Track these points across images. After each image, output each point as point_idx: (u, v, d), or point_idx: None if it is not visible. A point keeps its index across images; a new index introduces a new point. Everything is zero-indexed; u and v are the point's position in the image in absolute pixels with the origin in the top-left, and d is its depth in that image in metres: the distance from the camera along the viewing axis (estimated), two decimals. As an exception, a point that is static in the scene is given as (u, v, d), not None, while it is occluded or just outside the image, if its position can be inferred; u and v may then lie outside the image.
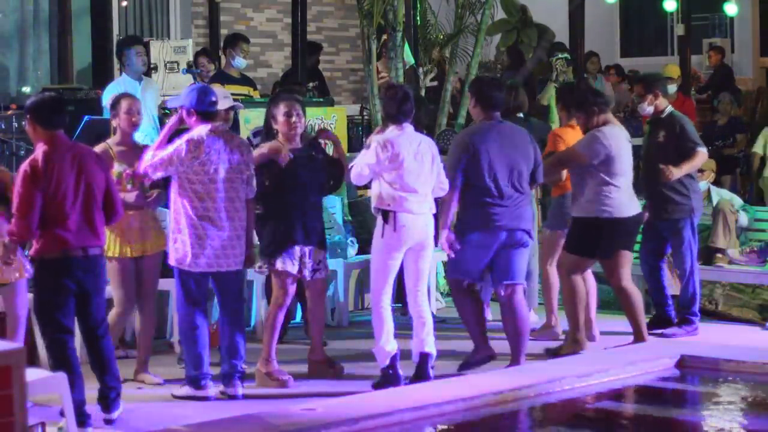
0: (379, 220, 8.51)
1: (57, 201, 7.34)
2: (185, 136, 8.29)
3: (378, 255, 8.54)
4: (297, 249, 8.67)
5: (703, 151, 10.18)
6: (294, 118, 8.75)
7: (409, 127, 8.58)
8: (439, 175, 8.65)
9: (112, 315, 8.52)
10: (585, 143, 9.56)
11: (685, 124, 10.23)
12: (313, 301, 8.94)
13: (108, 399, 7.62)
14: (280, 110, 8.77)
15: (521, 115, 10.60)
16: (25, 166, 7.38)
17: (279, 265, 8.66)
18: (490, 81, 9.45)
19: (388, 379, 8.42)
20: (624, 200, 9.50)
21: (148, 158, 8.26)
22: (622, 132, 9.67)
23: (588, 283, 9.86)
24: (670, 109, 10.35)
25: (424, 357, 8.53)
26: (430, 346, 8.57)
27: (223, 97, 8.95)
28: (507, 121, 9.19)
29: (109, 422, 7.59)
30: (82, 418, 7.31)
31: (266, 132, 9.01)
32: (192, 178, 8.22)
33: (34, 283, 7.58)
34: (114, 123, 8.74)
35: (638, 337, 9.62)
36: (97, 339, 7.61)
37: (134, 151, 8.62)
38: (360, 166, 8.54)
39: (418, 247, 8.50)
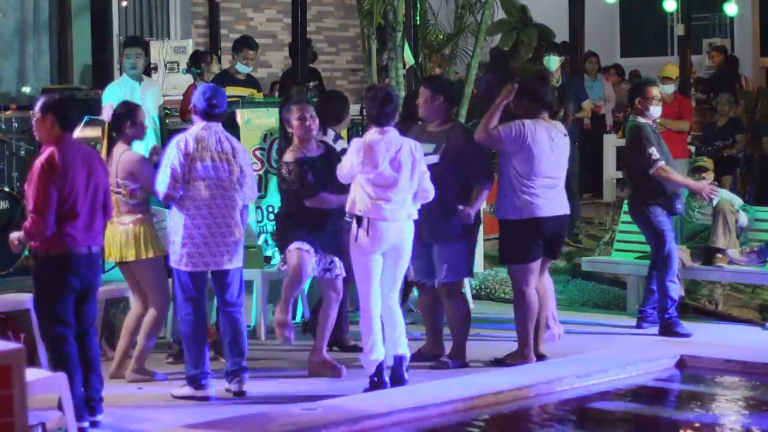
0: (353, 224, 8.32)
1: (70, 199, 7.36)
2: (173, 141, 8.29)
3: (356, 260, 8.37)
4: (307, 245, 8.68)
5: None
6: (308, 121, 8.73)
7: (391, 131, 8.35)
8: (422, 181, 8.41)
9: (148, 318, 8.61)
10: None
11: None
12: (325, 301, 8.92)
13: (94, 401, 7.57)
14: (294, 114, 8.73)
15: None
16: (41, 162, 7.36)
17: (291, 246, 8.66)
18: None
19: (374, 387, 8.38)
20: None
21: (161, 181, 8.21)
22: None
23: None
24: None
25: (398, 359, 8.47)
26: (403, 348, 8.49)
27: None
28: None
29: (94, 425, 7.53)
30: (80, 412, 7.32)
31: (284, 137, 9.02)
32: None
33: (35, 278, 7.55)
34: None
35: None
36: (88, 337, 7.62)
37: None
38: (344, 166, 8.37)
39: (393, 252, 8.33)
